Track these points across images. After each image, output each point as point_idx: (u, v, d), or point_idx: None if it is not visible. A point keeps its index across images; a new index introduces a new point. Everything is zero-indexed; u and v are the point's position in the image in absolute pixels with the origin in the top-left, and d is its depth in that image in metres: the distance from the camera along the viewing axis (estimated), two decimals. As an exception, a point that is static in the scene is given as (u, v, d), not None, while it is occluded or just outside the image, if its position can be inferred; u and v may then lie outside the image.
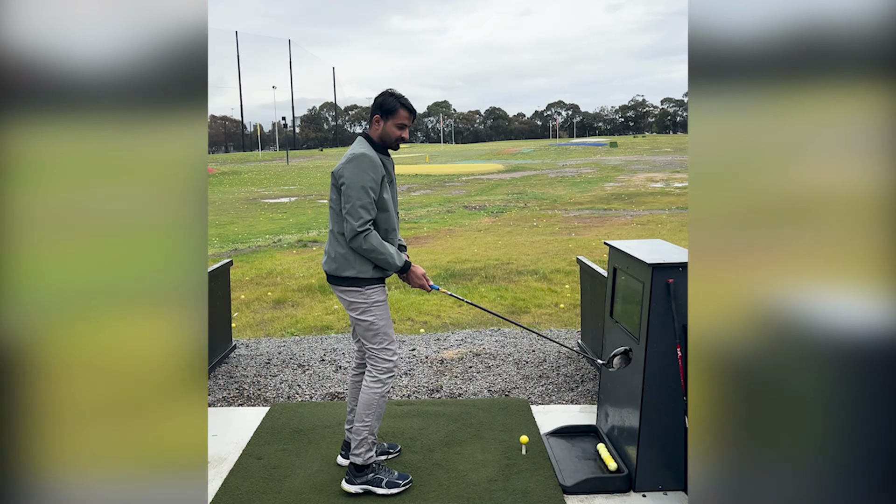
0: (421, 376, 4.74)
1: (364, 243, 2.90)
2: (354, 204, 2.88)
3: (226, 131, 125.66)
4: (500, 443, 3.59)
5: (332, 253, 3.04)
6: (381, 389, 3.07)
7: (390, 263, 2.98)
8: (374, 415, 3.07)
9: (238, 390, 4.56)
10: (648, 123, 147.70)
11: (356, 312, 3.04)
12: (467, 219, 15.88)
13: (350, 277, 2.99)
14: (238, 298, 7.46)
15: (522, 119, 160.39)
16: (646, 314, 2.97)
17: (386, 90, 3.06)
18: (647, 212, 16.06)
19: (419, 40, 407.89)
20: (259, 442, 3.67)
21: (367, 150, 2.95)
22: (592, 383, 4.51)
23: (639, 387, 3.02)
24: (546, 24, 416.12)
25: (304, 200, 22.94)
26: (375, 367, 3.09)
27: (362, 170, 2.89)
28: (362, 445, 3.08)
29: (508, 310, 6.68)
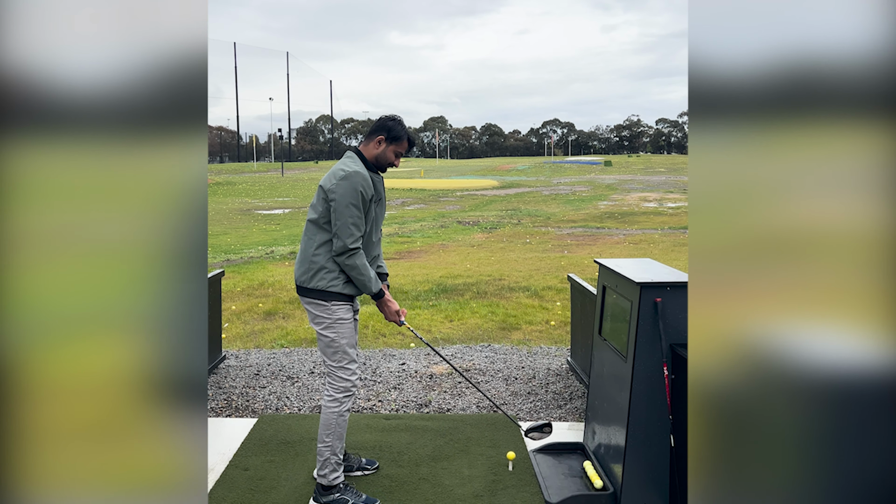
0: (410, 391, 4.75)
1: (350, 260, 2.96)
2: (346, 221, 2.92)
3: (221, 142, 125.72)
4: (487, 458, 3.60)
5: (304, 263, 3.05)
6: (339, 408, 3.07)
7: (367, 286, 3.05)
8: (335, 434, 3.06)
9: (227, 401, 4.55)
10: (643, 143, 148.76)
11: (319, 326, 3.06)
12: (461, 234, 15.93)
13: (318, 290, 3.01)
14: (229, 309, 7.45)
15: (518, 136, 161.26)
16: (633, 333, 3.00)
17: (395, 116, 3.12)
18: (639, 231, 16.15)
19: (417, 56, 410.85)
20: (246, 453, 3.67)
21: (360, 168, 2.98)
22: (581, 401, 4.52)
23: (625, 405, 3.04)
24: (542, 43, 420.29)
25: (298, 212, 22.95)
26: (332, 385, 3.09)
27: (355, 188, 2.92)
28: (326, 466, 3.08)
29: (499, 326, 6.70)
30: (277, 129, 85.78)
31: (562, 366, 5.29)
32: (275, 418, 4.18)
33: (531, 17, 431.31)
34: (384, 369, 5.23)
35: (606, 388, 3.36)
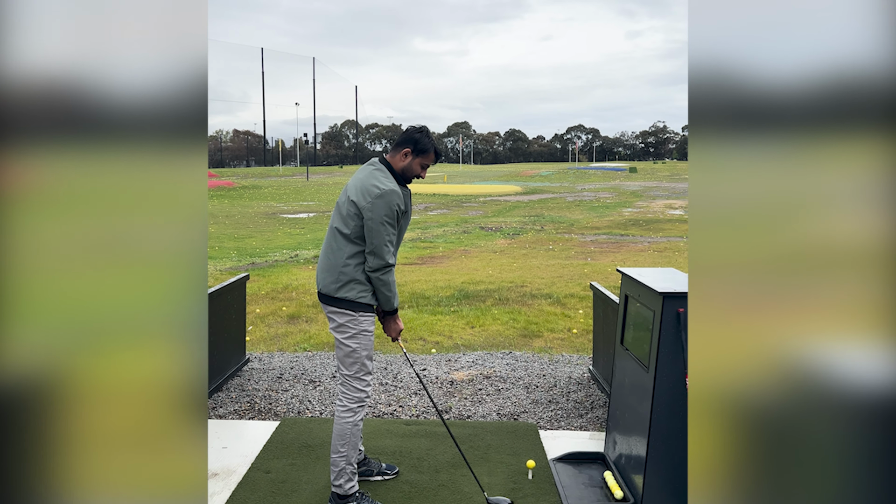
0: (431, 396, 4.76)
1: (385, 277, 3.00)
2: (383, 240, 2.94)
3: (248, 146, 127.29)
4: (507, 466, 3.59)
5: (332, 273, 3.04)
6: (354, 418, 3.08)
7: (390, 302, 3.09)
8: (350, 444, 3.07)
9: (249, 403, 4.61)
10: (669, 150, 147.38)
11: (342, 335, 3.06)
12: (483, 240, 15.92)
13: (346, 300, 3.02)
14: (253, 312, 7.54)
15: (542, 142, 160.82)
16: (656, 343, 2.98)
17: (422, 128, 3.12)
18: (664, 239, 15.99)
19: (440, 62, 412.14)
20: (268, 456, 3.71)
21: (394, 185, 2.99)
22: (602, 410, 4.49)
23: (647, 415, 3.02)
24: (566, 49, 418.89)
25: (323, 216, 23.14)
26: (346, 394, 3.10)
27: (391, 207, 2.94)
28: (342, 476, 3.09)
29: (521, 333, 6.69)
30: (303, 133, 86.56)
31: (583, 374, 5.27)
32: (296, 421, 4.22)
33: (554, 23, 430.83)
34: (405, 374, 5.25)
35: (628, 398, 3.34)
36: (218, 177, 52.87)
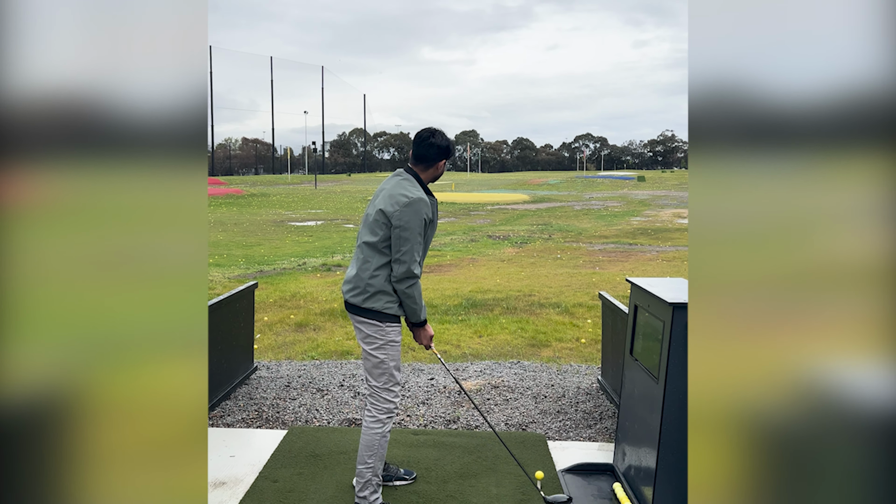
0: (438, 406, 4.75)
1: (410, 289, 2.99)
2: (411, 248, 2.94)
3: (256, 154, 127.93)
4: (515, 477, 3.57)
5: (360, 284, 3.04)
6: (382, 429, 3.07)
7: (417, 314, 3.07)
8: (377, 455, 3.07)
9: (257, 412, 4.60)
10: (677, 159, 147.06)
11: (370, 346, 3.06)
12: (491, 248, 15.91)
13: (374, 310, 3.02)
14: (261, 320, 7.55)
15: (550, 150, 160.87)
16: (665, 353, 2.96)
17: (434, 131, 3.10)
18: (672, 248, 15.93)
19: (448, 71, 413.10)
20: (275, 465, 3.70)
21: (421, 193, 3.00)
22: (611, 421, 4.46)
23: (657, 427, 2.99)
24: (573, 58, 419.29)
25: (331, 224, 23.20)
26: (375, 406, 3.09)
27: (419, 216, 2.94)
28: (367, 487, 3.09)
29: (529, 342, 6.66)
30: (311, 141, 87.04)
31: (592, 384, 5.24)
32: (304, 430, 4.21)
33: (561, 33, 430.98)
34: (413, 384, 5.24)
35: (637, 409, 3.32)
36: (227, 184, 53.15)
